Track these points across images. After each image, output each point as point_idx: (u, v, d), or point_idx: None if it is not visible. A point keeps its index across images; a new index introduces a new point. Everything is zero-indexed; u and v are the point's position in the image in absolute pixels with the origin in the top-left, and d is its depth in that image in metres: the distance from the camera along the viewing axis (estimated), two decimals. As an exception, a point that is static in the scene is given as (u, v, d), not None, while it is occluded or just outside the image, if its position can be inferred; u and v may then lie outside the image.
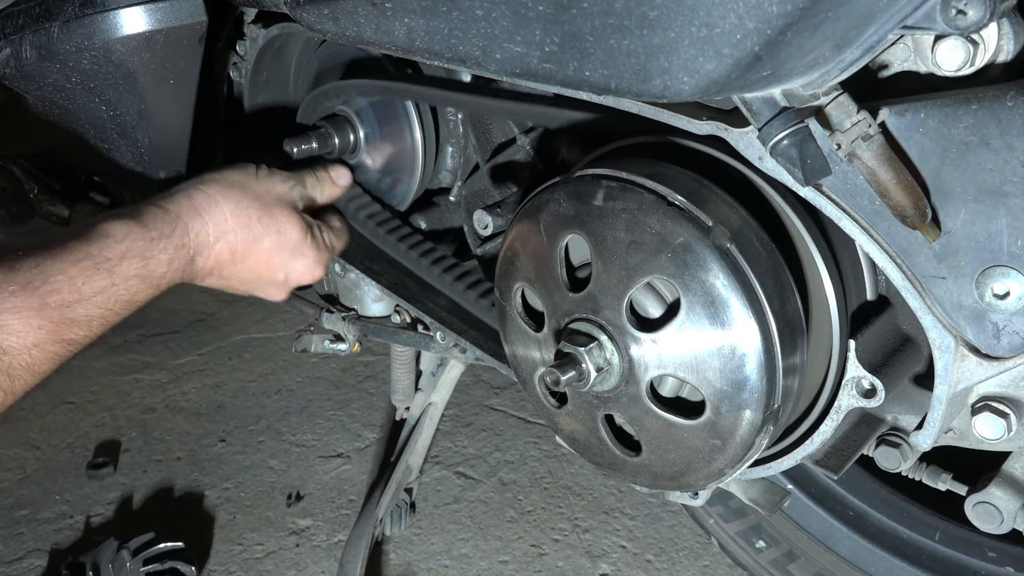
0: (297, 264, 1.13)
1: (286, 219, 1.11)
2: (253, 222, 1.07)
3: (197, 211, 1.04)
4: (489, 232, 1.10)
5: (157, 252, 0.98)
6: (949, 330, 0.78)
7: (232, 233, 1.06)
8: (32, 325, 0.87)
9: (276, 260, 1.11)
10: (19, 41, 1.14)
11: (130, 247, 0.96)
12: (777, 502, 0.97)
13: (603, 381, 0.88)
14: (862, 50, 0.68)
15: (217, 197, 1.06)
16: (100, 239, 0.94)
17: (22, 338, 0.86)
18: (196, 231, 1.03)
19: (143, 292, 0.98)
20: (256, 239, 1.08)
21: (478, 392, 1.99)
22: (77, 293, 0.90)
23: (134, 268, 0.96)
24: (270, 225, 1.09)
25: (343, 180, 1.23)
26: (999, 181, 0.71)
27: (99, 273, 0.92)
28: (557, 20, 0.72)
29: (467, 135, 1.20)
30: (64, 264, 0.90)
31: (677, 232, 0.80)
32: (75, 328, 0.91)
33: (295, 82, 1.40)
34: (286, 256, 1.11)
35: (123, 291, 0.95)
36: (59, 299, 0.89)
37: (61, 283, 0.89)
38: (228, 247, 1.06)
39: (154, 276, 0.98)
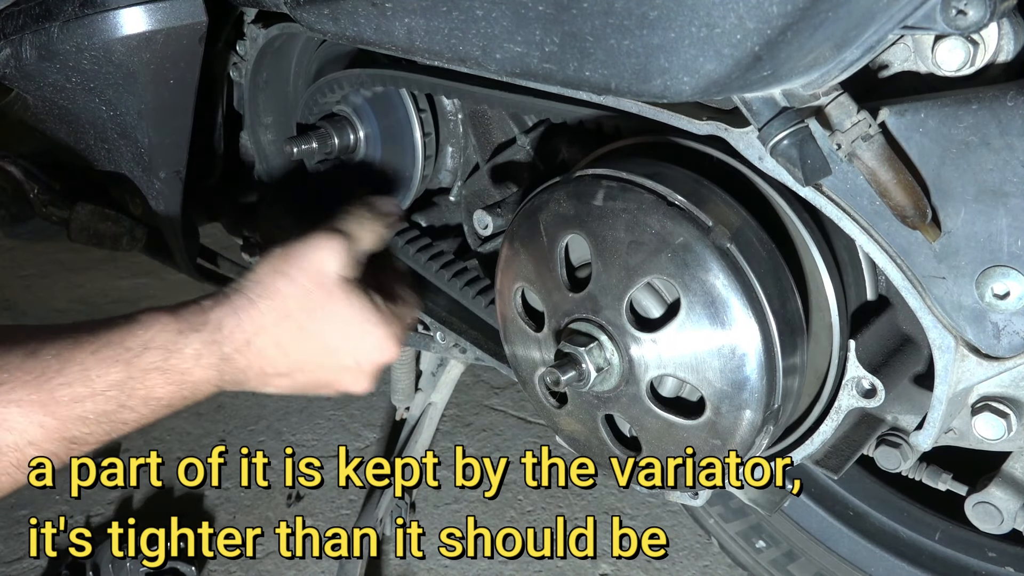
0: (364, 344, 0.98)
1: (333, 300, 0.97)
2: (295, 310, 0.95)
3: (233, 309, 0.93)
4: (489, 232, 1.10)
5: (182, 345, 0.89)
6: (949, 330, 0.78)
7: (273, 327, 0.94)
8: (34, 421, 0.81)
9: (335, 343, 0.97)
10: (19, 41, 1.14)
11: (154, 337, 0.88)
12: (777, 502, 0.97)
13: (603, 381, 0.88)
14: (862, 50, 0.68)
15: (253, 298, 0.95)
16: (127, 326, 0.88)
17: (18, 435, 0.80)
18: (230, 327, 0.92)
19: (163, 389, 0.88)
20: (303, 327, 0.95)
21: (478, 392, 1.99)
22: (90, 386, 0.83)
23: (154, 360, 0.87)
24: (315, 310, 0.96)
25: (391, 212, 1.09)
26: (999, 181, 0.71)
27: (116, 364, 0.85)
28: (557, 20, 0.72)
29: (467, 135, 1.20)
30: (83, 354, 0.84)
31: (677, 232, 0.80)
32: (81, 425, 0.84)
33: (295, 82, 1.39)
34: (344, 336, 0.97)
35: (139, 386, 0.86)
36: (70, 393, 0.82)
37: (75, 375, 0.83)
38: (271, 340, 0.94)
39: (176, 371, 0.88)
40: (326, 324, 0.96)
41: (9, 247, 2.58)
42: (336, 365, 0.99)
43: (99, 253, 1.61)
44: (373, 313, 0.98)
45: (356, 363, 0.99)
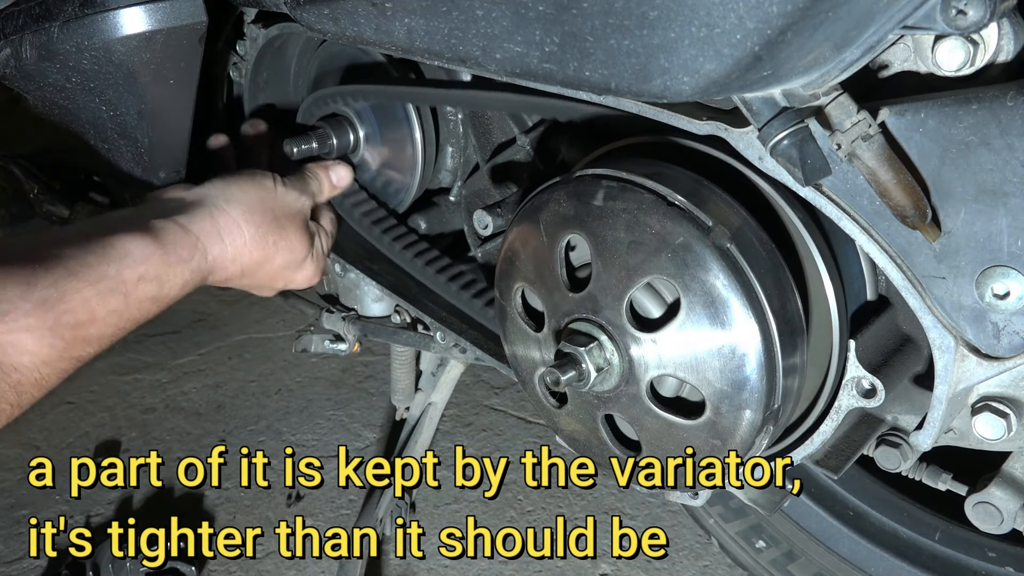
0: (298, 275, 1.17)
1: (298, 238, 1.13)
2: (268, 244, 1.10)
3: (219, 235, 1.05)
4: (489, 232, 1.10)
5: (173, 276, 0.99)
6: (949, 330, 0.78)
7: (247, 256, 1.08)
8: (44, 343, 0.88)
9: (280, 274, 1.15)
10: (19, 41, 1.14)
11: (148, 270, 0.96)
12: (777, 502, 0.97)
13: (603, 381, 0.88)
14: (862, 50, 0.68)
15: (239, 220, 1.07)
16: (119, 259, 0.94)
17: (34, 357, 0.88)
18: (215, 255, 1.04)
19: (152, 311, 0.99)
20: (268, 258, 1.11)
21: (478, 392, 1.99)
22: (91, 314, 0.91)
23: (150, 291, 0.97)
24: (283, 246, 1.12)
25: (343, 182, 1.24)
26: (999, 181, 0.71)
27: (114, 296, 0.93)
28: (557, 20, 0.72)
29: (467, 135, 1.20)
30: (81, 283, 0.91)
31: (677, 232, 0.80)
32: (85, 346, 0.92)
33: (295, 82, 1.39)
34: (291, 271, 1.16)
35: (135, 311, 0.96)
36: (73, 319, 0.90)
37: (76, 304, 0.90)
38: (240, 267, 1.08)
39: (167, 298, 1.00)
40: (283, 255, 1.12)
41: (9, 247, 2.57)
42: (270, 286, 1.18)
43: (99, 253, 1.60)
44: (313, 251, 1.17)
45: (284, 285, 1.19)
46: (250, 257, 1.08)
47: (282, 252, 1.12)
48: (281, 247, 1.11)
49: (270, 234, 1.10)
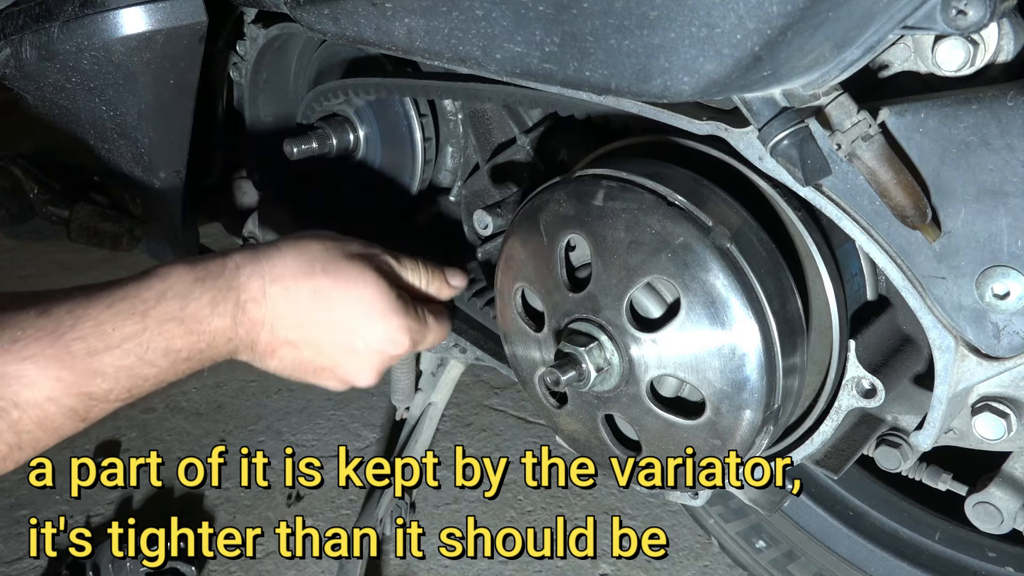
0: (377, 329, 0.94)
1: (360, 274, 0.94)
2: (318, 271, 0.92)
3: (254, 254, 0.92)
4: (489, 232, 1.10)
5: (199, 293, 0.86)
6: (949, 330, 0.78)
7: (292, 279, 0.91)
8: (50, 375, 0.78)
9: (348, 316, 0.93)
10: (19, 41, 1.14)
11: (171, 286, 0.85)
12: (777, 502, 0.97)
13: (603, 381, 0.88)
14: (862, 50, 0.68)
15: (279, 244, 0.94)
16: (142, 280, 0.85)
17: (36, 390, 0.78)
18: (248, 273, 0.90)
19: (181, 339, 0.85)
20: (321, 289, 0.92)
21: (478, 392, 1.99)
22: (106, 340, 0.81)
23: (171, 310, 0.84)
24: (339, 276, 0.93)
25: (457, 281, 1.07)
26: (999, 181, 0.71)
27: (132, 317, 0.83)
28: (557, 20, 0.72)
29: (467, 135, 1.20)
30: (97, 308, 0.82)
31: (677, 232, 0.80)
32: (99, 380, 0.81)
33: (295, 82, 1.39)
34: (361, 314, 0.94)
35: (157, 336, 0.83)
36: (85, 347, 0.80)
37: (90, 328, 0.80)
38: (287, 294, 0.91)
39: (194, 320, 0.85)
40: (346, 297, 0.93)
41: (9, 247, 2.58)
42: (344, 344, 0.94)
43: (99, 253, 1.61)
44: (397, 302, 0.95)
45: (366, 347, 0.95)
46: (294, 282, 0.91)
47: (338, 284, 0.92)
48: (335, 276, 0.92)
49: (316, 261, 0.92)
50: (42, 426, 0.80)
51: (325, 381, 0.99)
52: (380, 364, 0.97)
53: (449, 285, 1.05)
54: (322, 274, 0.92)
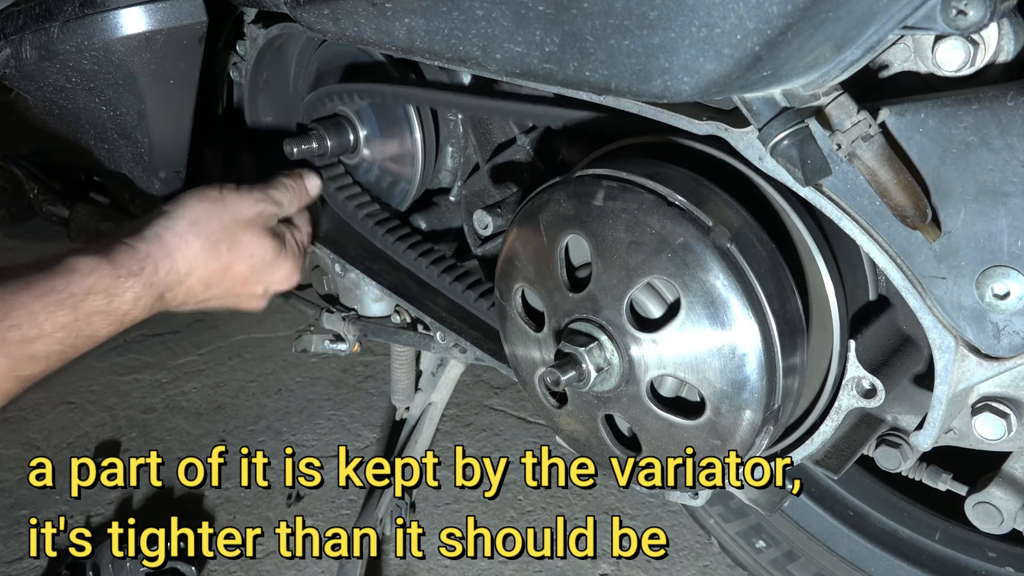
0: (274, 276, 1.14)
1: (256, 242, 1.11)
2: (223, 252, 1.07)
3: (167, 251, 1.03)
4: (489, 232, 1.10)
5: (123, 290, 0.97)
6: (949, 330, 0.78)
7: (203, 267, 1.06)
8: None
9: (252, 279, 1.12)
10: (19, 41, 1.14)
11: (96, 283, 0.95)
12: (777, 502, 0.97)
13: (603, 381, 0.88)
14: (862, 50, 0.68)
15: (187, 235, 1.05)
16: (66, 274, 0.93)
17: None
18: (166, 270, 1.02)
19: (105, 328, 0.97)
20: (227, 267, 1.08)
21: (478, 392, 1.99)
22: (38, 329, 0.89)
23: (98, 304, 0.95)
24: (241, 252, 1.09)
25: (314, 188, 1.22)
26: (999, 181, 0.71)
27: (62, 309, 0.91)
28: (557, 20, 0.72)
29: (467, 135, 1.20)
30: (27, 298, 0.89)
31: (677, 232, 0.80)
32: (32, 364, 0.90)
33: (295, 82, 1.39)
34: (261, 274, 1.13)
35: (85, 327, 0.94)
36: (19, 335, 0.87)
37: (22, 318, 0.88)
38: (199, 279, 1.06)
39: (118, 313, 0.97)
40: (243, 260, 1.09)
41: (9, 247, 2.57)
42: (248, 293, 1.14)
43: (99, 253, 1.61)
44: (284, 250, 1.14)
45: (264, 291, 1.15)
46: (206, 267, 1.06)
47: (240, 258, 1.09)
48: (237, 252, 1.09)
49: (221, 242, 1.07)
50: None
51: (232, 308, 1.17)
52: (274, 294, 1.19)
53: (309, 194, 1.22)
54: (227, 253, 1.08)
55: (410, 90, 1.18)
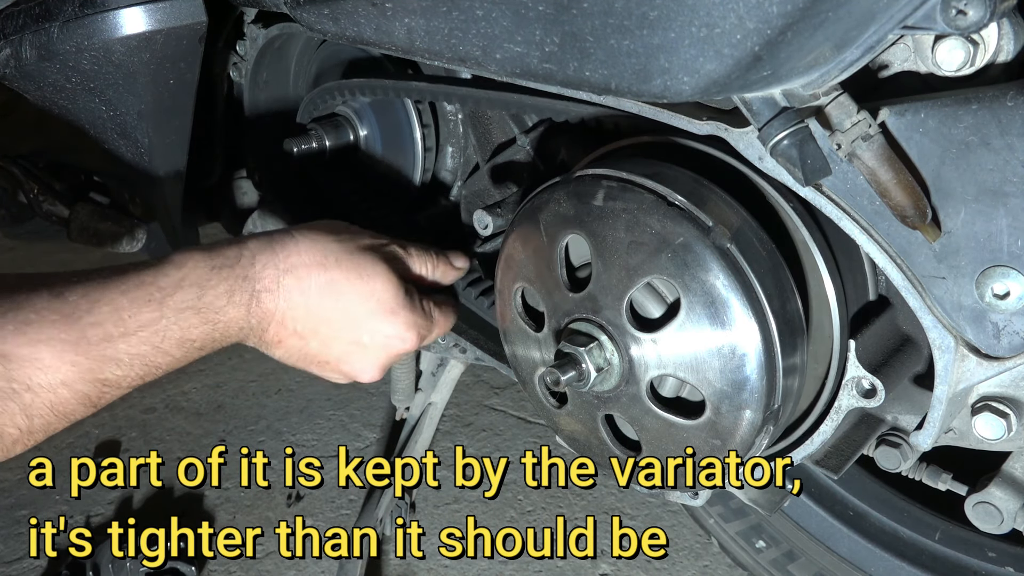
0: (384, 325, 0.95)
1: (372, 268, 0.94)
2: (331, 263, 0.92)
3: (269, 242, 0.91)
4: (489, 232, 1.10)
5: (216, 282, 0.85)
6: (949, 330, 0.78)
7: (305, 268, 0.91)
8: (65, 360, 0.77)
9: (357, 311, 0.93)
10: (19, 41, 1.14)
11: (187, 275, 0.84)
12: (777, 502, 0.97)
13: (603, 381, 0.88)
14: (862, 50, 0.68)
15: (294, 234, 0.93)
16: (159, 267, 0.85)
17: (51, 374, 0.77)
18: (263, 262, 0.89)
19: (197, 328, 0.84)
20: (333, 281, 0.92)
21: (478, 392, 1.99)
22: (122, 326, 0.80)
23: (188, 299, 0.84)
24: (351, 270, 0.93)
25: (460, 263, 1.08)
26: (999, 181, 0.71)
27: (149, 304, 0.82)
28: (557, 20, 0.72)
29: (467, 135, 1.20)
30: (113, 293, 0.81)
31: (677, 232, 0.80)
32: (114, 367, 0.80)
33: (295, 82, 1.40)
34: (369, 309, 0.94)
35: (174, 325, 0.83)
36: (101, 332, 0.79)
37: (106, 314, 0.79)
38: (300, 284, 0.91)
39: (211, 310, 0.85)
40: (358, 291, 0.93)
41: (9, 247, 2.58)
42: (352, 339, 0.94)
43: (99, 253, 1.61)
44: (405, 298, 0.96)
45: (372, 342, 0.95)
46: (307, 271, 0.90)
47: (350, 278, 0.92)
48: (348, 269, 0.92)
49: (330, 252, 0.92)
50: (54, 410, 0.78)
51: (328, 373, 0.99)
52: (385, 360, 0.98)
53: (454, 268, 1.06)
54: (335, 266, 0.92)
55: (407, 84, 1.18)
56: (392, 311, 0.95)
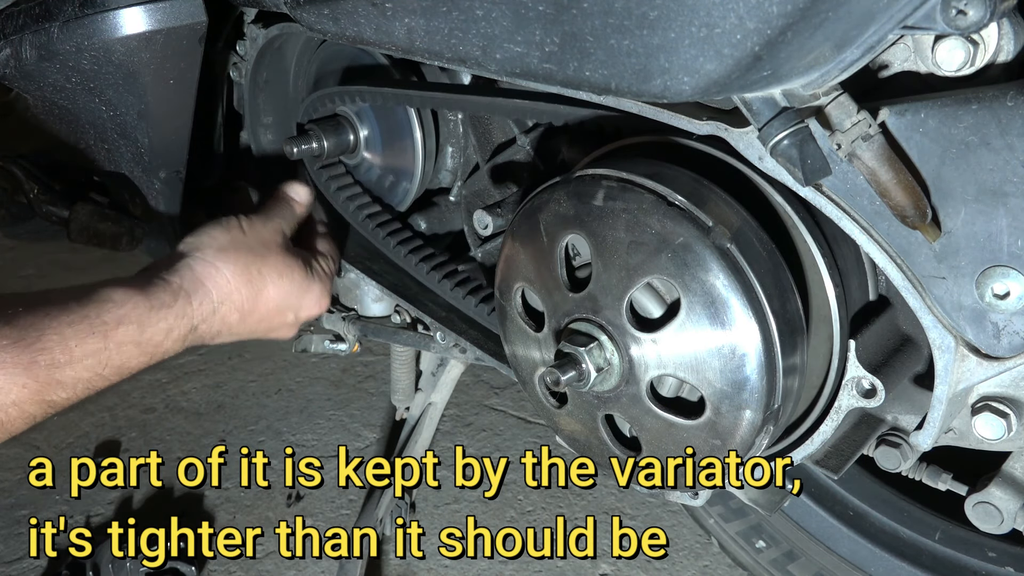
0: (305, 301, 1.14)
1: (284, 262, 1.11)
2: (254, 276, 1.07)
3: (200, 280, 1.03)
4: (489, 232, 1.10)
5: (156, 321, 0.97)
6: (949, 330, 0.78)
7: (236, 293, 1.05)
8: (16, 383, 0.85)
9: (284, 304, 1.11)
10: (19, 41, 1.14)
11: (128, 313, 0.95)
12: (777, 502, 0.97)
13: (603, 381, 0.88)
14: (862, 50, 0.68)
15: (216, 262, 1.05)
16: (99, 303, 0.94)
17: (3, 395, 0.84)
18: (199, 301, 1.02)
19: (136, 360, 0.97)
20: (259, 291, 1.08)
21: (478, 392, 1.99)
22: (69, 354, 0.89)
23: (130, 334, 0.95)
24: (270, 273, 1.09)
25: (304, 198, 1.22)
26: (999, 181, 0.71)
27: (93, 336, 0.91)
28: (557, 20, 0.72)
29: (467, 135, 1.20)
30: (60, 324, 0.89)
31: (677, 232, 0.80)
32: (59, 390, 0.89)
33: (295, 82, 1.39)
34: (293, 298, 1.12)
35: (115, 356, 0.94)
36: (49, 359, 0.87)
37: (54, 342, 0.88)
38: (234, 308, 1.06)
39: (150, 344, 0.97)
40: (273, 283, 1.09)
41: (9, 247, 2.58)
42: (280, 322, 1.13)
43: (99, 253, 1.61)
44: (311, 272, 1.14)
45: (295, 318, 1.14)
46: (239, 295, 1.05)
47: (272, 281, 1.09)
48: (267, 275, 1.08)
49: (251, 265, 1.07)
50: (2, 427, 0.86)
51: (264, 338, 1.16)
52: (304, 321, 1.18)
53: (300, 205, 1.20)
54: (258, 277, 1.07)
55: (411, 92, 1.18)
56: (307, 289, 1.13)
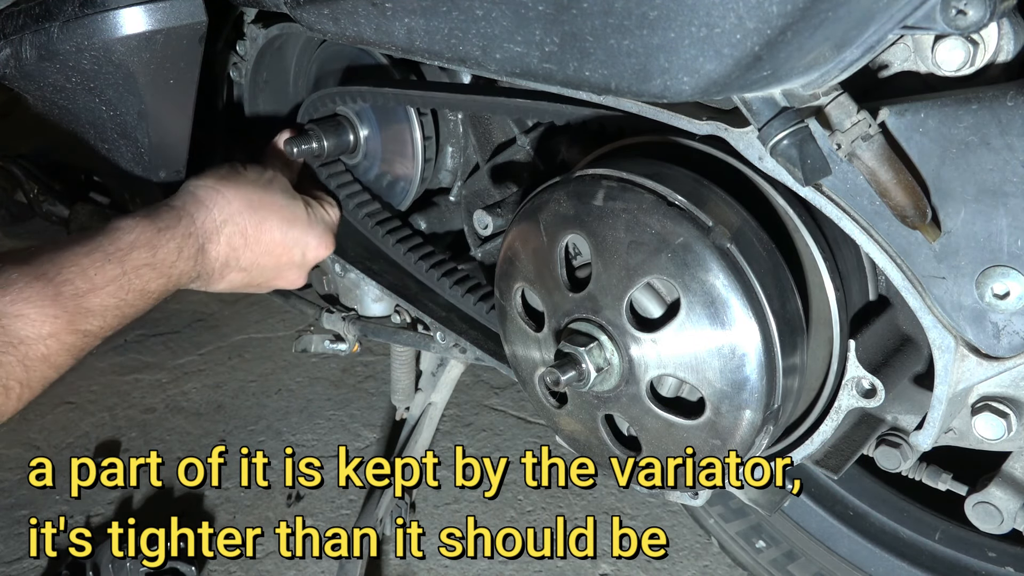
0: (310, 238, 1.15)
1: (285, 198, 1.13)
2: (256, 203, 1.09)
3: (200, 201, 1.06)
4: (489, 232, 1.10)
5: (165, 241, 1.00)
6: (949, 330, 0.78)
7: (239, 215, 1.07)
8: (47, 314, 0.88)
9: (289, 236, 1.12)
10: (19, 41, 1.14)
11: (138, 237, 0.98)
12: (777, 502, 0.97)
13: (603, 381, 0.88)
14: (862, 50, 0.68)
15: (217, 186, 1.08)
16: (109, 233, 0.98)
17: (37, 327, 0.87)
18: (202, 219, 1.05)
19: (155, 281, 0.99)
20: (263, 219, 1.09)
21: (478, 392, 1.99)
22: (90, 282, 0.92)
23: (143, 257, 0.98)
24: (273, 203, 1.11)
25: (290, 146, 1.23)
26: (999, 181, 0.71)
27: (110, 263, 0.94)
28: (557, 20, 0.72)
29: (467, 135, 1.20)
30: (76, 256, 0.93)
31: (677, 232, 0.80)
32: (90, 318, 0.92)
33: (295, 82, 1.39)
34: (298, 230, 1.13)
35: (135, 280, 0.97)
36: (72, 289, 0.90)
37: (74, 273, 0.91)
38: (238, 229, 1.08)
39: (164, 264, 1.00)
40: (280, 218, 1.11)
41: (9, 247, 2.58)
42: (287, 259, 1.13)
43: (99, 253, 1.61)
44: (312, 213, 1.16)
45: (303, 256, 1.15)
46: (242, 218, 1.07)
47: (274, 212, 1.10)
48: (269, 206, 1.10)
49: (252, 193, 1.09)
50: (47, 361, 0.88)
51: (261, 290, 1.19)
52: (310, 267, 1.19)
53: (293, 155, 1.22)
54: (260, 205, 1.09)
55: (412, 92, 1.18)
56: (311, 226, 1.15)
